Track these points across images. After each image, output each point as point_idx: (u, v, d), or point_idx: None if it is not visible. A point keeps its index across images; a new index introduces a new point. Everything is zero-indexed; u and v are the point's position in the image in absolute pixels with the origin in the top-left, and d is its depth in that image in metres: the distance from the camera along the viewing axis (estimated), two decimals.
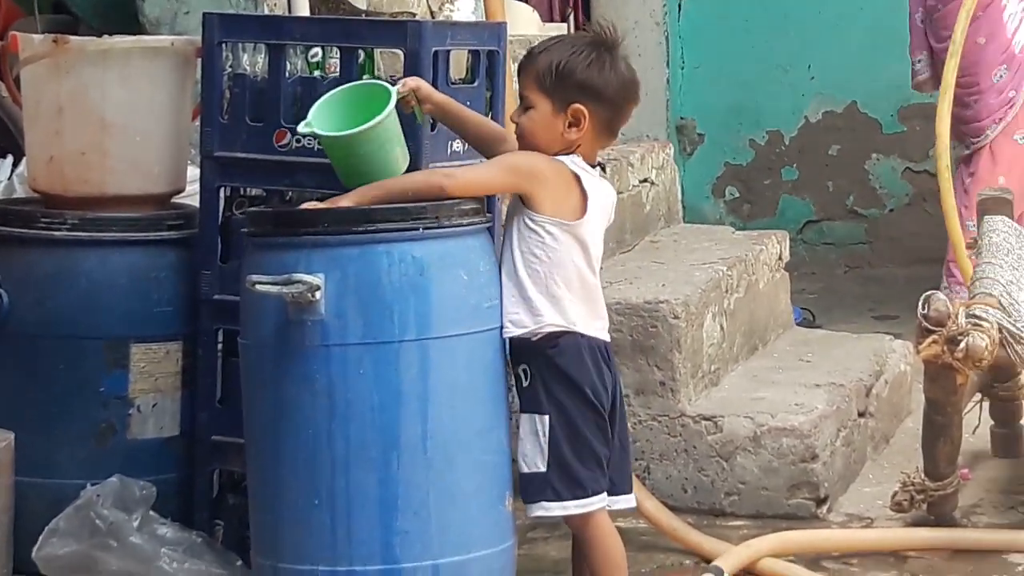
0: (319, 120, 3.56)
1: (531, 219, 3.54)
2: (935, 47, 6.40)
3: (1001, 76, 6.29)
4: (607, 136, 3.69)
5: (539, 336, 3.53)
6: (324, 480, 3.44)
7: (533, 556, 3.94)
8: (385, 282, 3.44)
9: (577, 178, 3.58)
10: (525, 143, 3.63)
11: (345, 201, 3.49)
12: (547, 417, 3.54)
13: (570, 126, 3.58)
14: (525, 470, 3.56)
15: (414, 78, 3.67)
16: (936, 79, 6.24)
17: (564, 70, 3.57)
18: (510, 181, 3.59)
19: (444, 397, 3.47)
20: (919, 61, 6.60)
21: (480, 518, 3.52)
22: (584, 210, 3.57)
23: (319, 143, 3.67)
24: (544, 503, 3.54)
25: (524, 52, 3.71)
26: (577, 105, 3.57)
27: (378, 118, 3.49)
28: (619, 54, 3.65)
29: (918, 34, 6.59)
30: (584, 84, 3.57)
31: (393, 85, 3.60)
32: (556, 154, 3.58)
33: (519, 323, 3.54)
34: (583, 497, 3.54)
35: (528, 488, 3.56)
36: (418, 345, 3.45)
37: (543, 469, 3.54)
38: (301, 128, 3.60)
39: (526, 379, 3.56)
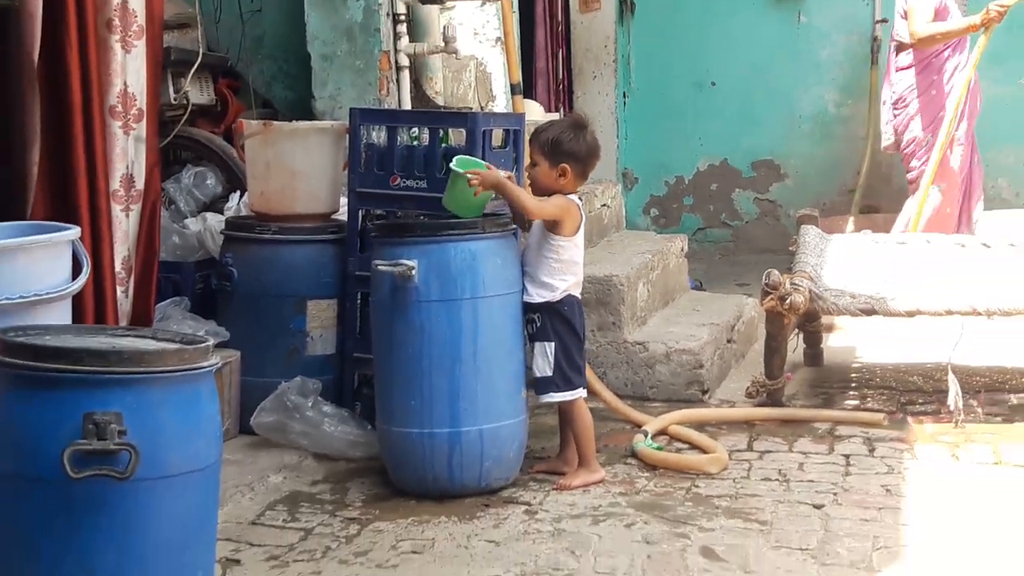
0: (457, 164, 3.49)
1: (553, 239, 3.50)
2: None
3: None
4: (582, 180, 3.60)
5: (554, 301, 3.51)
6: (417, 379, 3.41)
7: (538, 424, 3.91)
8: (452, 264, 3.41)
9: (579, 209, 3.55)
10: (535, 187, 3.57)
11: (497, 179, 3.44)
12: (552, 343, 3.50)
13: (559, 176, 3.52)
14: (537, 375, 3.52)
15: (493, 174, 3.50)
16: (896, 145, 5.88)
17: (555, 142, 3.52)
18: (558, 214, 3.49)
19: (486, 331, 3.43)
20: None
21: (506, 402, 3.48)
22: (579, 227, 3.54)
23: (448, 175, 3.52)
24: (551, 393, 3.53)
25: (533, 131, 3.64)
26: (563, 164, 3.51)
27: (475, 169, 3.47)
28: (588, 130, 3.58)
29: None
30: (567, 151, 3.51)
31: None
32: (553, 190, 3.52)
33: (542, 295, 3.50)
34: (571, 389, 3.54)
35: (540, 385, 3.53)
36: (471, 301, 3.41)
37: (549, 374, 3.51)
38: (452, 164, 3.48)
39: (538, 322, 3.51)
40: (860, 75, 7.41)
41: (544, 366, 3.51)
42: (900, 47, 5.87)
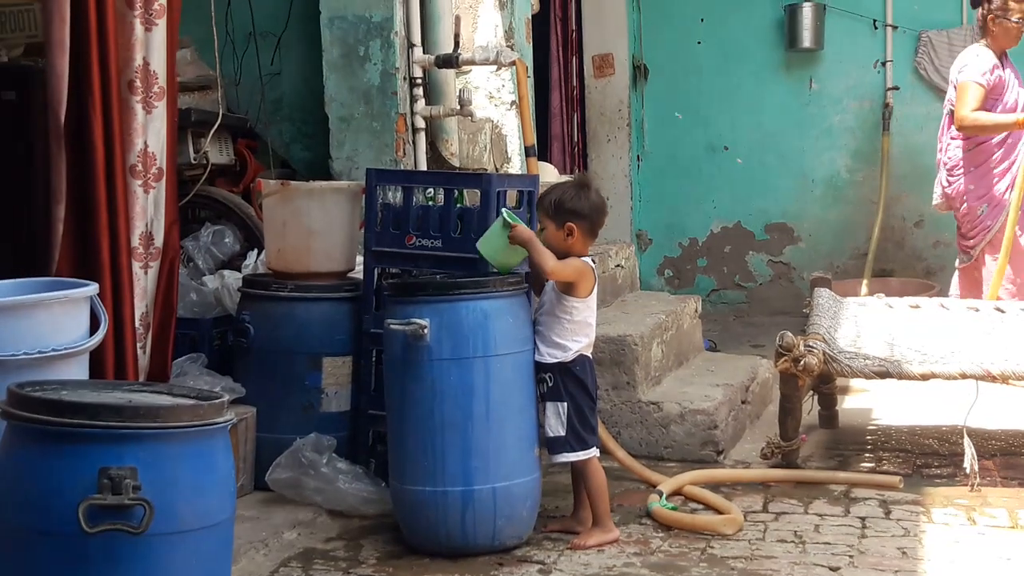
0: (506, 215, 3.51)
1: (567, 300, 3.49)
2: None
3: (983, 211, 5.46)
4: (591, 238, 3.57)
5: (567, 361, 3.49)
6: (429, 437, 3.40)
7: (552, 482, 3.88)
8: (464, 323, 3.41)
9: (594, 271, 3.55)
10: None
11: (530, 234, 3.47)
12: (565, 403, 3.48)
13: (567, 236, 3.51)
14: (550, 434, 3.50)
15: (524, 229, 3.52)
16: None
17: (558, 202, 3.51)
18: (575, 277, 3.49)
19: (498, 389, 3.42)
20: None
21: (519, 460, 3.46)
22: (593, 289, 3.54)
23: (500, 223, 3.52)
24: (564, 453, 3.50)
25: (539, 196, 3.68)
26: (569, 223, 3.50)
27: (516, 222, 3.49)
28: (592, 188, 3.56)
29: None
30: (570, 209, 3.50)
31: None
32: (563, 252, 3.50)
33: (554, 356, 3.49)
34: (584, 449, 3.51)
35: (552, 445, 3.51)
36: (483, 360, 3.41)
37: (562, 434, 3.49)
38: (503, 211, 3.53)
39: (550, 382, 3.49)
40: (872, 141, 7.45)
41: (557, 426, 3.50)
42: (952, 116, 5.49)
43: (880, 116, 7.41)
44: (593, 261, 3.58)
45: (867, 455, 4.45)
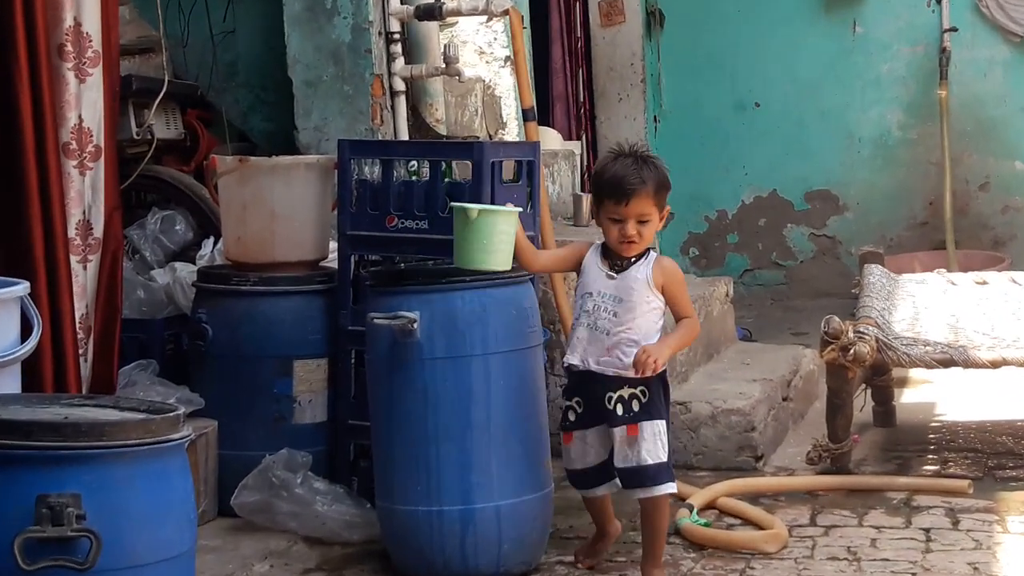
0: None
1: (658, 295, 3.33)
2: None
3: None
4: None
5: (662, 368, 3.29)
6: (422, 449, 3.39)
7: (565, 498, 3.87)
8: (460, 317, 3.39)
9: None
10: (641, 245, 3.29)
11: (669, 344, 3.30)
12: (664, 421, 3.30)
13: (661, 219, 3.31)
14: (649, 462, 3.26)
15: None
16: None
17: (666, 182, 3.26)
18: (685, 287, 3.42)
19: (501, 393, 3.40)
20: None
21: (527, 474, 3.45)
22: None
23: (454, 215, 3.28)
24: (669, 483, 3.29)
25: (636, 183, 3.23)
26: (667, 207, 3.31)
27: (496, 207, 3.27)
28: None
29: None
30: (669, 187, 3.28)
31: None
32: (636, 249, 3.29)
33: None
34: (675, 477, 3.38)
35: (655, 475, 3.27)
36: (483, 358, 3.39)
37: (664, 459, 3.28)
38: (461, 205, 3.25)
39: (644, 397, 3.27)
40: (928, 92, 7.46)
41: (658, 450, 3.28)
42: None
43: (937, 63, 7.40)
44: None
45: (930, 457, 4.45)
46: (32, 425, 2.38)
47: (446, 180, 3.96)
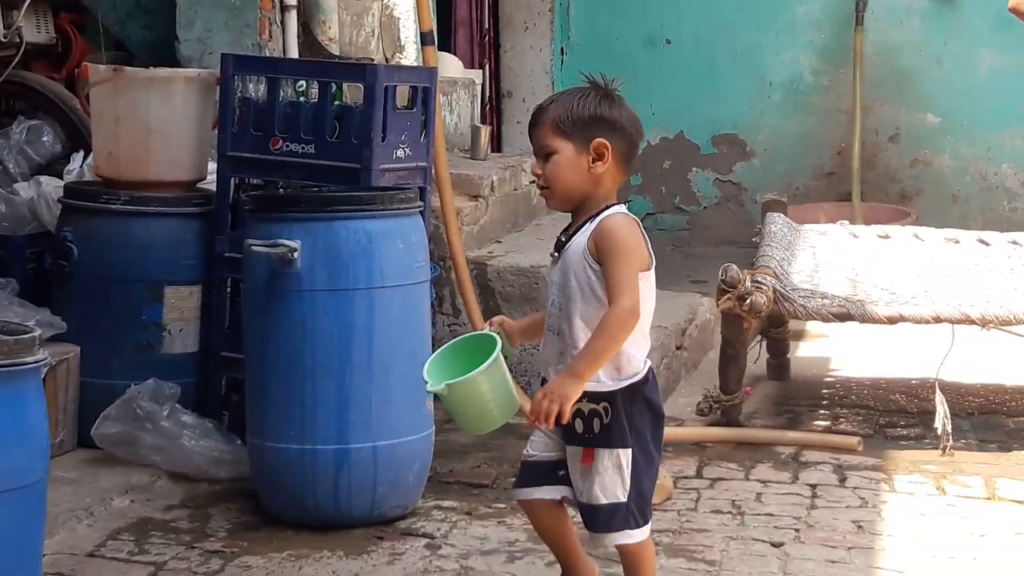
0: (435, 376, 2.70)
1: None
2: None
3: None
4: (626, 169, 2.78)
5: (637, 380, 2.74)
6: (297, 384, 3.40)
7: (447, 441, 3.91)
8: (343, 248, 3.40)
9: (640, 227, 2.77)
10: (553, 189, 2.76)
11: (568, 385, 2.62)
12: (629, 450, 2.71)
13: (594, 161, 2.72)
14: (603, 502, 2.71)
15: (499, 316, 2.90)
16: None
17: (579, 111, 2.73)
18: (640, 262, 2.72)
19: (384, 330, 3.42)
20: None
21: (407, 414, 3.48)
22: (651, 260, 2.78)
23: (437, 397, 2.71)
24: (627, 531, 2.73)
25: (536, 112, 2.82)
26: (599, 139, 2.71)
27: (492, 358, 2.62)
28: (622, 99, 2.81)
29: None
30: (600, 118, 2.73)
31: (486, 333, 2.79)
32: (585, 192, 2.75)
33: (615, 376, 2.72)
34: (646, 523, 2.77)
35: (609, 520, 2.72)
36: (366, 292, 3.41)
37: (623, 499, 2.71)
38: (429, 388, 2.67)
39: (606, 417, 2.70)
40: (843, 37, 7.53)
41: (615, 487, 2.71)
42: None
43: (854, 7, 7.48)
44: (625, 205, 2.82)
45: (822, 412, 4.55)
46: None
47: (336, 103, 3.93)
